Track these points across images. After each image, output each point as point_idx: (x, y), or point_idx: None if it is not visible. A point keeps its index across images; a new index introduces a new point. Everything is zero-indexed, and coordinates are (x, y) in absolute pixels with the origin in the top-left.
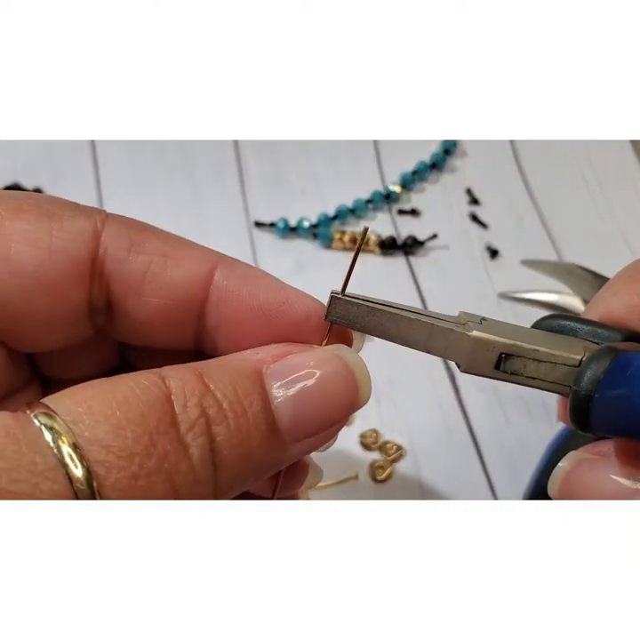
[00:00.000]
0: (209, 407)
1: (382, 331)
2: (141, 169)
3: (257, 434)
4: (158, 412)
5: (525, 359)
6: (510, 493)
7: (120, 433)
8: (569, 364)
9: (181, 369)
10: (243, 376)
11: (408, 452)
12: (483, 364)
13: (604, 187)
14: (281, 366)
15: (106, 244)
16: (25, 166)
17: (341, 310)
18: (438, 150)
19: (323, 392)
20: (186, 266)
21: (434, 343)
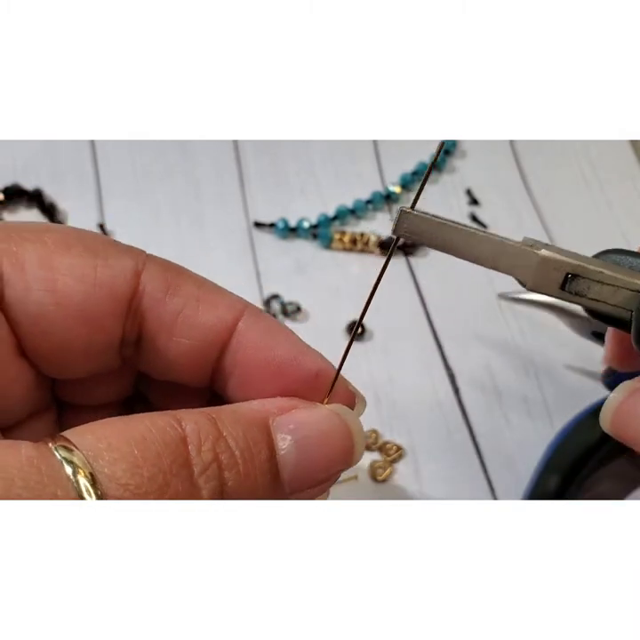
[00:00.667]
0: (221, 452)
1: (451, 246)
2: (141, 169)
3: (262, 481)
4: (173, 453)
5: (590, 281)
6: (510, 493)
7: (137, 471)
8: (631, 289)
9: (196, 413)
10: (252, 424)
11: (408, 453)
12: (549, 283)
13: (603, 187)
14: (286, 419)
15: (145, 283)
16: (25, 166)
17: (410, 225)
18: None
19: (322, 446)
20: (216, 311)
21: (502, 260)
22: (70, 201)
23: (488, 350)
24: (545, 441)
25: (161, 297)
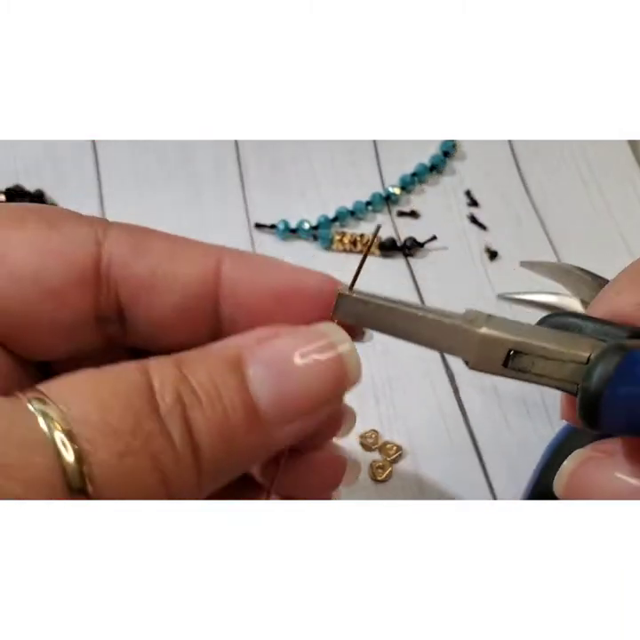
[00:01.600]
0: (184, 393)
1: (390, 328)
2: (143, 171)
3: (235, 416)
4: (141, 395)
5: (533, 356)
6: (509, 493)
7: (107, 413)
8: (577, 362)
9: (162, 359)
10: (220, 362)
11: (407, 453)
12: (491, 361)
13: (602, 188)
14: (263, 350)
15: (110, 250)
16: (26, 168)
17: (348, 308)
18: (437, 152)
19: (305, 374)
20: (193, 261)
21: (442, 340)
22: (72, 202)
23: None
24: (544, 441)
25: (130, 260)
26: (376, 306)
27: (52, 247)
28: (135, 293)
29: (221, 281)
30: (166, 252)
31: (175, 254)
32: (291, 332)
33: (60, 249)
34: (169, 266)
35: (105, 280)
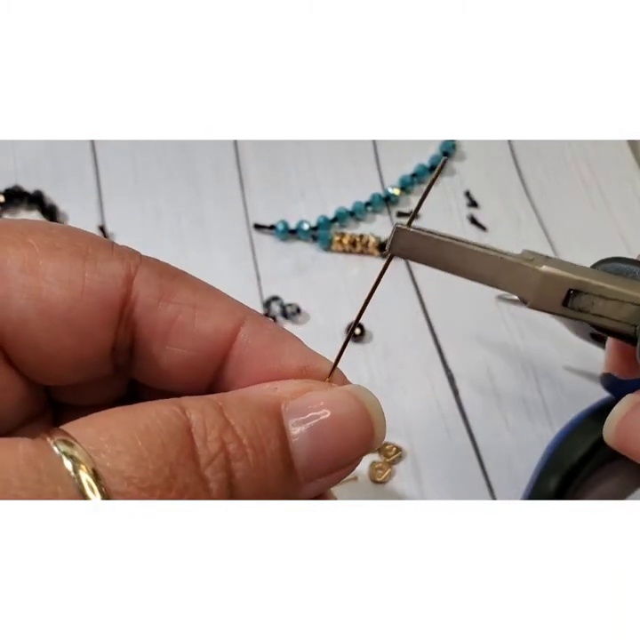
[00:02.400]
0: (229, 442)
1: (448, 264)
2: (142, 171)
3: (274, 471)
4: (179, 443)
5: (593, 296)
6: (509, 495)
7: (141, 464)
8: (636, 303)
9: (201, 401)
10: (262, 412)
11: (407, 454)
12: (551, 301)
13: (602, 189)
14: (299, 404)
15: (137, 289)
16: (25, 168)
17: (405, 243)
18: (437, 153)
19: (339, 431)
20: (213, 319)
21: (502, 277)
22: (71, 203)
23: (487, 352)
24: (544, 442)
25: (154, 304)
26: (434, 240)
27: (85, 285)
28: (150, 337)
29: (235, 345)
30: (191, 301)
31: (199, 306)
32: (323, 387)
33: (93, 287)
34: (189, 319)
35: (126, 318)
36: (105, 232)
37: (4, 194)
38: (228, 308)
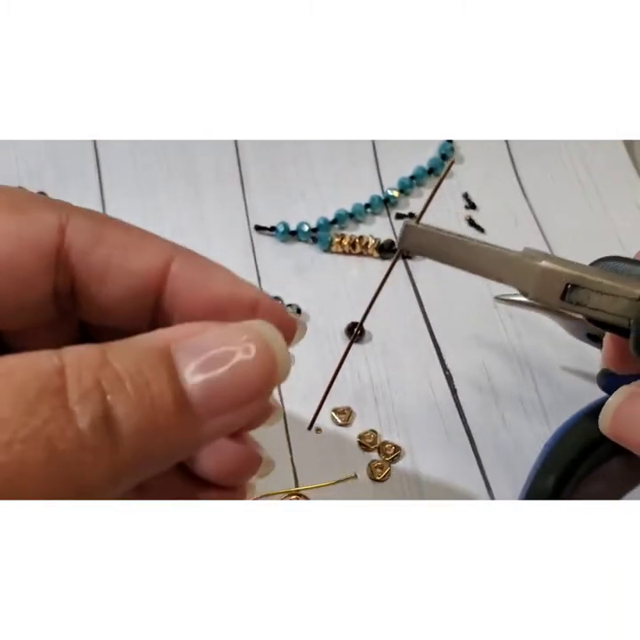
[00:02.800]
0: (105, 378)
1: (454, 259)
2: (143, 172)
3: (163, 406)
4: (42, 381)
5: (589, 291)
6: (507, 493)
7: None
8: (630, 298)
9: (83, 346)
10: (148, 350)
11: (406, 453)
12: (550, 294)
13: (599, 190)
14: (193, 344)
15: (71, 236)
16: (28, 170)
17: (414, 238)
18: (436, 155)
19: (236, 367)
20: (144, 257)
21: (505, 272)
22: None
23: (485, 351)
24: (541, 441)
25: (87, 249)
26: (441, 237)
27: (22, 236)
28: (88, 279)
29: (167, 279)
30: (122, 243)
31: (130, 246)
32: (221, 325)
33: (29, 236)
34: (121, 259)
35: (64, 263)
36: None
37: None
38: (158, 246)
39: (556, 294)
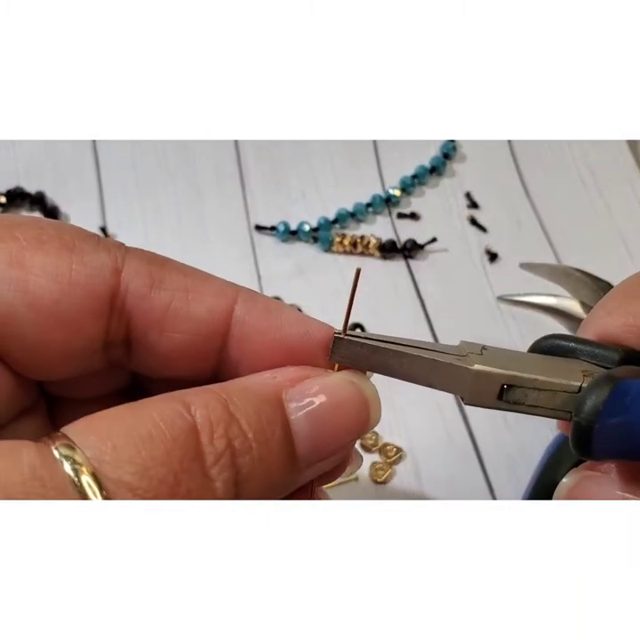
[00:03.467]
0: (234, 438)
1: (385, 368)
2: (143, 172)
3: (278, 462)
4: (183, 447)
5: (526, 389)
6: (509, 495)
7: (145, 474)
8: (568, 391)
9: (205, 395)
10: (265, 402)
11: (408, 454)
12: (485, 396)
13: (602, 190)
14: (299, 391)
15: (127, 280)
16: (26, 170)
17: (345, 350)
18: (438, 154)
19: (337, 416)
20: (206, 300)
21: (436, 379)
22: (72, 204)
23: None
24: (544, 443)
25: (145, 293)
26: (370, 348)
27: (72, 277)
28: (146, 327)
29: (232, 323)
30: (182, 286)
31: (191, 290)
32: (320, 374)
33: (80, 279)
34: (183, 303)
35: (119, 309)
36: (106, 233)
37: (6, 195)
38: (219, 288)
39: (493, 395)
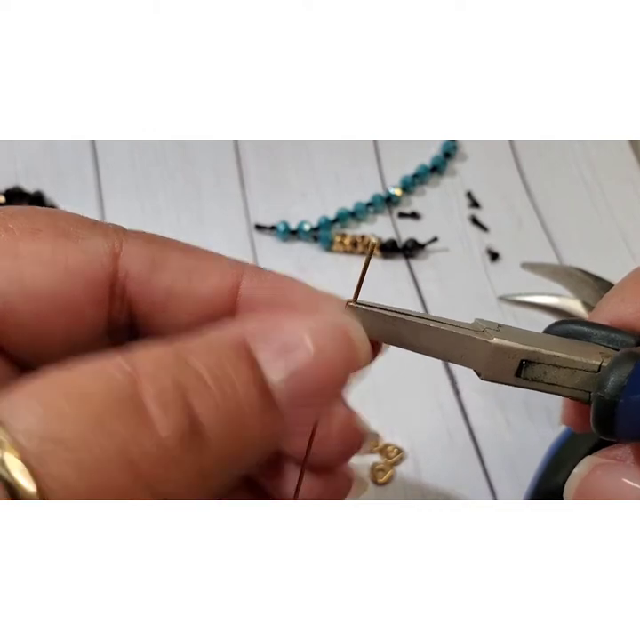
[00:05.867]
0: (186, 379)
1: (400, 339)
2: (142, 171)
3: (249, 405)
4: (117, 395)
5: (545, 365)
6: (511, 496)
7: (55, 420)
8: (588, 370)
9: (154, 346)
10: (227, 347)
11: (409, 455)
12: (503, 372)
13: (604, 189)
14: (270, 334)
15: (126, 264)
16: (25, 169)
17: (358, 320)
18: (439, 153)
19: (318, 358)
20: (210, 279)
21: (453, 351)
22: (71, 203)
23: None
24: (545, 443)
25: (146, 276)
26: (384, 317)
27: (69, 263)
28: (150, 309)
29: (239, 301)
30: (184, 267)
31: (193, 270)
32: (296, 314)
33: (77, 265)
34: (186, 283)
35: (120, 295)
36: None
37: (5, 194)
38: (223, 266)
39: (511, 371)
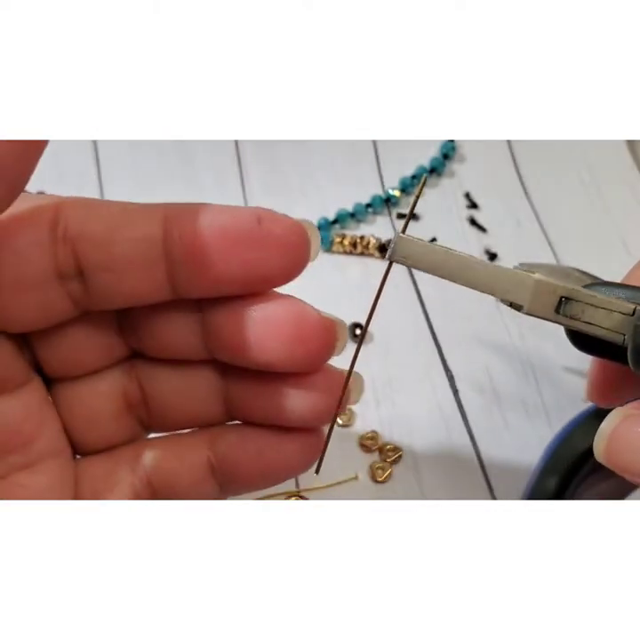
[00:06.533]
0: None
1: (446, 272)
2: (143, 173)
3: None
4: None
5: (583, 304)
6: (509, 494)
7: None
8: (624, 312)
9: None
10: None
11: (407, 454)
12: (544, 306)
13: (601, 190)
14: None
15: (66, 211)
16: None
17: (406, 250)
18: (437, 155)
19: None
20: (144, 216)
21: (498, 285)
22: None
23: (487, 352)
24: (543, 442)
25: (86, 218)
26: (434, 249)
27: (11, 212)
28: (92, 249)
29: (170, 229)
30: (120, 210)
31: (128, 212)
32: None
33: (22, 212)
34: (123, 220)
35: (62, 238)
36: None
37: None
38: (152, 206)
39: (551, 307)
